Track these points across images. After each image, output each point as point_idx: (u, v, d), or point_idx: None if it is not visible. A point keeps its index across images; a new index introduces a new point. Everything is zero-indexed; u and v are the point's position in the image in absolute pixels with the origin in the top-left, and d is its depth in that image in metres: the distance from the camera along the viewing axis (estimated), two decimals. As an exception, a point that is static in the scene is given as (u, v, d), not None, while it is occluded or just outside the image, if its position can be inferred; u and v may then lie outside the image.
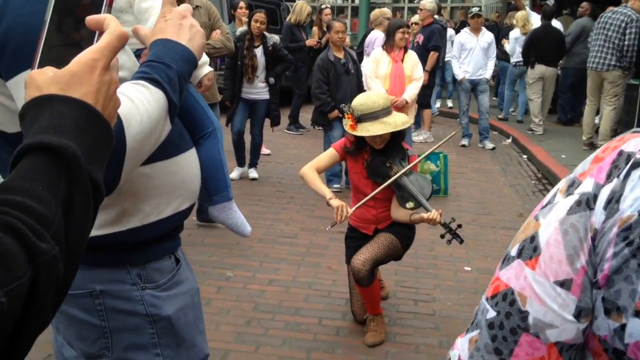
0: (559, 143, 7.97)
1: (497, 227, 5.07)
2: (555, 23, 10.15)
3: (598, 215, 0.63)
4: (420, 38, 8.22)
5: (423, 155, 3.28)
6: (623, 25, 7.00)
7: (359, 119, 2.84)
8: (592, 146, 7.48)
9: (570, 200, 0.66)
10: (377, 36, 8.10)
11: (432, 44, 7.91)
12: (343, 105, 3.16)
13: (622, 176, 0.62)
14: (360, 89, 5.77)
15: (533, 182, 6.65)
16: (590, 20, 9.01)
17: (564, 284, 0.65)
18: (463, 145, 8.12)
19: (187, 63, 1.19)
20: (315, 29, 8.84)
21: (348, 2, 20.55)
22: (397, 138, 2.94)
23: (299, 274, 4.04)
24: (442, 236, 2.87)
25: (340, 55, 5.80)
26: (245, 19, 6.65)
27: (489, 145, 8.17)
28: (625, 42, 6.99)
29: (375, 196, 2.93)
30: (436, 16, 8.61)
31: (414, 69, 5.77)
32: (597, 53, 7.26)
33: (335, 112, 5.75)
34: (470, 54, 7.90)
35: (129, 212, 1.31)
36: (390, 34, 5.70)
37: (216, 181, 1.98)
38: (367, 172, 2.94)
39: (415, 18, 9.16)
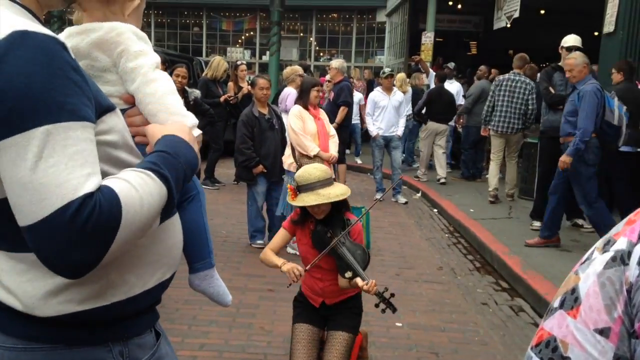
0: (466, 197, 8.38)
1: (420, 281, 5.18)
2: (454, 85, 10.91)
3: (632, 270, 0.69)
4: (331, 95, 8.56)
5: (353, 224, 3.14)
6: (526, 92, 7.70)
7: (298, 189, 2.94)
8: (497, 199, 7.95)
9: (606, 256, 0.72)
10: (290, 92, 8.25)
11: (341, 100, 8.24)
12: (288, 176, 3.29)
13: None
14: (284, 144, 5.81)
15: (447, 235, 6.90)
16: (488, 82, 9.74)
17: (603, 332, 0.70)
18: (377, 200, 8.31)
19: (191, 166, 1.29)
20: (230, 84, 8.86)
21: (256, 58, 20.88)
22: (339, 209, 3.01)
23: (231, 337, 3.89)
24: (377, 305, 2.89)
25: (265, 111, 5.85)
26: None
27: (402, 199, 8.44)
28: (529, 108, 7.73)
29: (322, 267, 2.99)
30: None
31: (328, 126, 5.92)
32: (503, 118, 7.85)
33: (260, 167, 5.74)
34: (383, 112, 8.23)
35: (114, 284, 1.21)
36: (304, 91, 5.73)
37: (200, 247, 1.88)
38: (312, 241, 3.01)
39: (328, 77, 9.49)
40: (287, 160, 5.65)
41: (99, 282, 1.19)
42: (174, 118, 1.60)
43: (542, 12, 15.56)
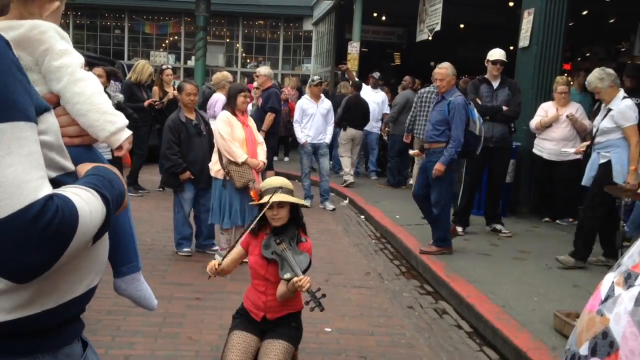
0: (392, 204, 8.56)
1: (348, 286, 5.24)
2: (379, 94, 11.18)
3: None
4: (259, 101, 8.55)
5: (303, 241, 3.26)
6: None
7: (262, 194, 3.04)
8: None
9: (634, 291, 0.67)
10: (218, 98, 8.18)
11: (269, 106, 8.25)
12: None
13: None
14: (212, 150, 5.72)
15: (374, 241, 7.02)
16: (412, 92, 10.02)
17: None
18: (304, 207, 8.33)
19: (121, 196, 1.33)
20: (156, 88, 8.65)
21: (181, 63, 20.51)
22: (296, 221, 3.10)
23: (157, 347, 3.78)
24: (307, 303, 2.93)
25: (192, 116, 5.74)
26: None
27: (330, 206, 8.51)
28: None
29: (268, 279, 3.03)
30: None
31: (256, 134, 5.89)
32: (424, 126, 8.11)
33: (187, 174, 5.63)
34: (312, 120, 8.28)
35: (44, 291, 1.15)
36: (232, 97, 5.65)
37: (126, 250, 1.82)
38: (261, 249, 3.04)
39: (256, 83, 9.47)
40: (214, 167, 5.56)
41: (29, 290, 1.13)
42: (106, 117, 1.55)
43: (462, 26, 16.20)
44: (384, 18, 16.83)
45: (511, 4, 11.88)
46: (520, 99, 6.76)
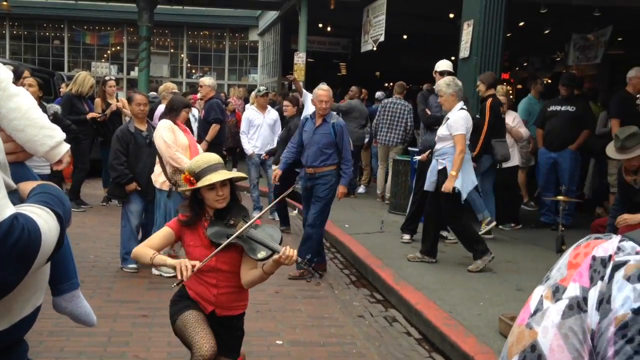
0: (341, 213, 8.60)
1: (299, 297, 5.23)
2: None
3: (592, 316, 0.67)
4: (202, 113, 8.47)
5: (265, 210, 3.32)
6: (404, 113, 9.10)
7: (198, 175, 2.74)
8: (384, 198, 9.23)
9: (561, 304, 0.69)
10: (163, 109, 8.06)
11: (212, 117, 8.15)
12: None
13: (606, 279, 0.68)
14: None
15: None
16: (359, 101, 10.18)
17: None
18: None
19: (69, 213, 1.34)
20: (98, 100, 8.44)
21: (124, 74, 20.10)
22: (235, 200, 2.86)
23: (103, 368, 3.67)
24: (301, 274, 2.82)
25: (143, 127, 5.68)
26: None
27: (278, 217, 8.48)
28: (408, 125, 9.10)
29: (220, 269, 2.78)
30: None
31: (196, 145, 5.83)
32: (386, 133, 9.25)
33: (133, 185, 5.52)
34: (258, 130, 8.26)
35: None
36: (175, 109, 5.53)
37: (66, 268, 1.78)
38: (209, 238, 2.75)
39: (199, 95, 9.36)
40: (159, 178, 5.43)
41: None
42: (44, 132, 1.52)
43: (405, 36, 16.53)
44: (329, 29, 16.99)
45: (452, 15, 12.21)
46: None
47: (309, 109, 10.26)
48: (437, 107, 6.87)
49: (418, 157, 7.71)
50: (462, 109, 5.73)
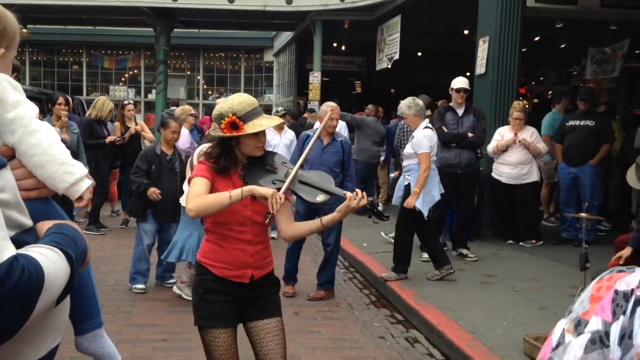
0: (359, 232, 8.56)
1: (319, 319, 5.18)
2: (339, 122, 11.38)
3: (614, 352, 0.67)
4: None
5: (311, 142, 2.89)
6: None
7: (244, 118, 2.46)
8: None
9: (583, 339, 0.70)
10: (183, 133, 8.11)
11: None
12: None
13: (628, 313, 0.67)
14: (181, 189, 5.67)
15: (342, 270, 6.99)
16: (375, 119, 10.17)
17: None
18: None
19: (84, 253, 1.31)
20: (117, 124, 8.54)
21: (141, 97, 20.36)
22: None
23: (124, 393, 3.64)
24: (369, 216, 2.64)
25: (169, 152, 5.76)
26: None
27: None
28: None
29: (256, 221, 2.50)
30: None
31: None
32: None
33: (153, 189, 5.53)
34: (275, 150, 8.27)
35: (9, 356, 1.10)
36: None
37: (88, 306, 1.76)
38: (249, 184, 2.48)
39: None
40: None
41: None
42: (64, 168, 1.51)
43: (420, 54, 16.56)
44: (343, 48, 17.09)
45: (466, 32, 12.21)
46: (485, 125, 6.90)
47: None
48: (454, 125, 6.84)
49: (392, 175, 7.86)
50: (426, 127, 5.90)
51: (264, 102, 19.93)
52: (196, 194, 2.43)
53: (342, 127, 11.25)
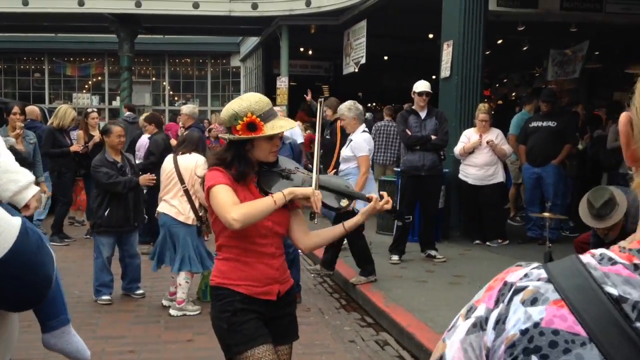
0: (328, 236, 8.57)
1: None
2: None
3: (489, 335, 0.72)
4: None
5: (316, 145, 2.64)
6: (396, 134, 9.14)
7: (264, 118, 2.27)
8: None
9: (468, 322, 0.76)
10: (147, 140, 8.01)
11: None
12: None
13: (506, 301, 0.72)
14: (137, 194, 5.60)
15: (312, 275, 6.97)
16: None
17: None
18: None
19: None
20: (80, 132, 8.38)
21: (105, 104, 20.04)
22: None
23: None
24: (394, 219, 2.60)
25: (118, 158, 5.61)
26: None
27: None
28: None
29: (277, 231, 2.36)
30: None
31: None
32: (383, 153, 9.91)
33: (147, 176, 5.60)
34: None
35: None
36: (203, 148, 5.54)
37: (54, 304, 1.72)
38: (269, 192, 2.32)
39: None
40: (190, 213, 5.19)
41: None
42: (8, 176, 1.48)
43: (386, 57, 16.69)
44: (310, 52, 17.13)
45: (431, 35, 12.35)
46: (447, 128, 6.98)
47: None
48: (417, 127, 6.91)
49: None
50: (364, 131, 6.03)
51: (231, 107, 19.83)
52: (233, 201, 2.21)
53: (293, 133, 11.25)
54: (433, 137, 6.85)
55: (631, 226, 3.09)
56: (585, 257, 0.71)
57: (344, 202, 2.39)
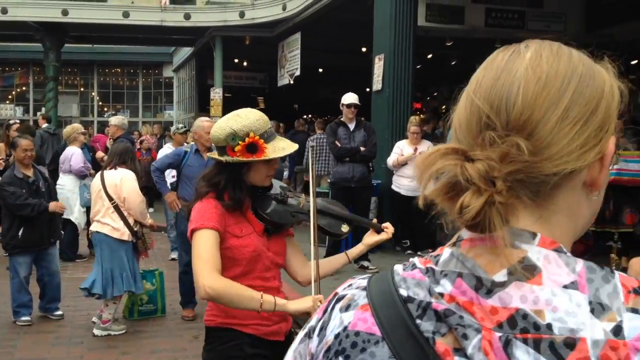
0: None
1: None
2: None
3: (314, 342, 0.75)
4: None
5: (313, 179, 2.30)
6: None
7: (266, 138, 2.05)
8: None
9: (302, 333, 0.79)
10: (73, 152, 7.71)
11: None
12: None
13: (329, 309, 0.75)
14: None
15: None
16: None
17: None
18: (173, 259, 8.02)
19: None
20: (1, 145, 7.97)
21: (30, 115, 19.20)
22: None
23: None
24: (393, 244, 2.40)
25: (29, 172, 5.31)
26: None
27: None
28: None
29: (274, 262, 2.15)
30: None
31: None
32: (318, 165, 9.78)
33: (55, 204, 5.23)
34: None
35: None
36: (133, 159, 5.35)
37: None
38: (269, 219, 2.13)
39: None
40: (124, 229, 4.95)
41: None
42: None
43: (321, 70, 16.82)
44: (245, 64, 17.04)
45: (364, 49, 12.55)
46: (375, 140, 7.06)
47: None
48: (346, 139, 6.96)
49: None
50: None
51: (164, 118, 19.46)
52: (214, 263, 1.94)
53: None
54: (362, 148, 6.93)
55: None
56: (398, 266, 0.75)
57: (345, 228, 2.25)
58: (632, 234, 6.44)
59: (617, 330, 0.61)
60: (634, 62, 10.25)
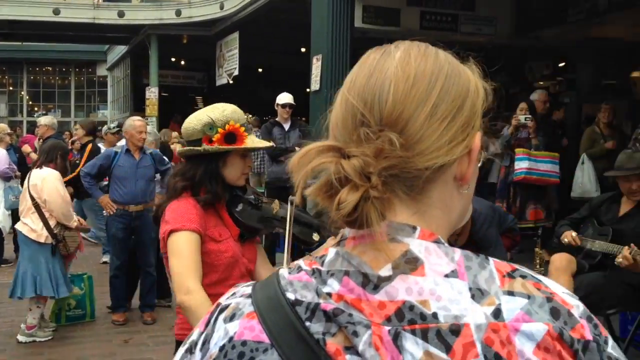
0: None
1: (151, 345, 4.91)
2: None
3: (197, 357, 0.71)
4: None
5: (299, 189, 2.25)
6: None
7: (246, 129, 2.02)
8: None
9: (182, 349, 0.75)
10: (1, 154, 7.37)
11: None
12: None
13: (212, 321, 0.72)
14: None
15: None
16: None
17: None
18: (105, 262, 7.77)
19: None
20: None
21: (-46, 113, 18.26)
22: None
23: None
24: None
25: None
26: None
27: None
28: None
29: (248, 268, 2.07)
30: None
31: None
32: (258, 163, 9.52)
33: None
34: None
35: None
36: (63, 156, 5.03)
37: None
38: (245, 223, 2.04)
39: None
40: (44, 232, 4.70)
41: None
42: None
43: (260, 70, 16.74)
44: (183, 62, 16.75)
45: (303, 49, 12.57)
46: (310, 140, 7.08)
47: None
48: (281, 139, 6.96)
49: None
50: None
51: (97, 118, 18.89)
52: (192, 267, 1.83)
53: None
54: (297, 148, 6.93)
55: (480, 233, 3.28)
56: (283, 269, 0.73)
57: (316, 237, 2.19)
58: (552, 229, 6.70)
59: (497, 313, 0.63)
60: (561, 65, 10.68)
